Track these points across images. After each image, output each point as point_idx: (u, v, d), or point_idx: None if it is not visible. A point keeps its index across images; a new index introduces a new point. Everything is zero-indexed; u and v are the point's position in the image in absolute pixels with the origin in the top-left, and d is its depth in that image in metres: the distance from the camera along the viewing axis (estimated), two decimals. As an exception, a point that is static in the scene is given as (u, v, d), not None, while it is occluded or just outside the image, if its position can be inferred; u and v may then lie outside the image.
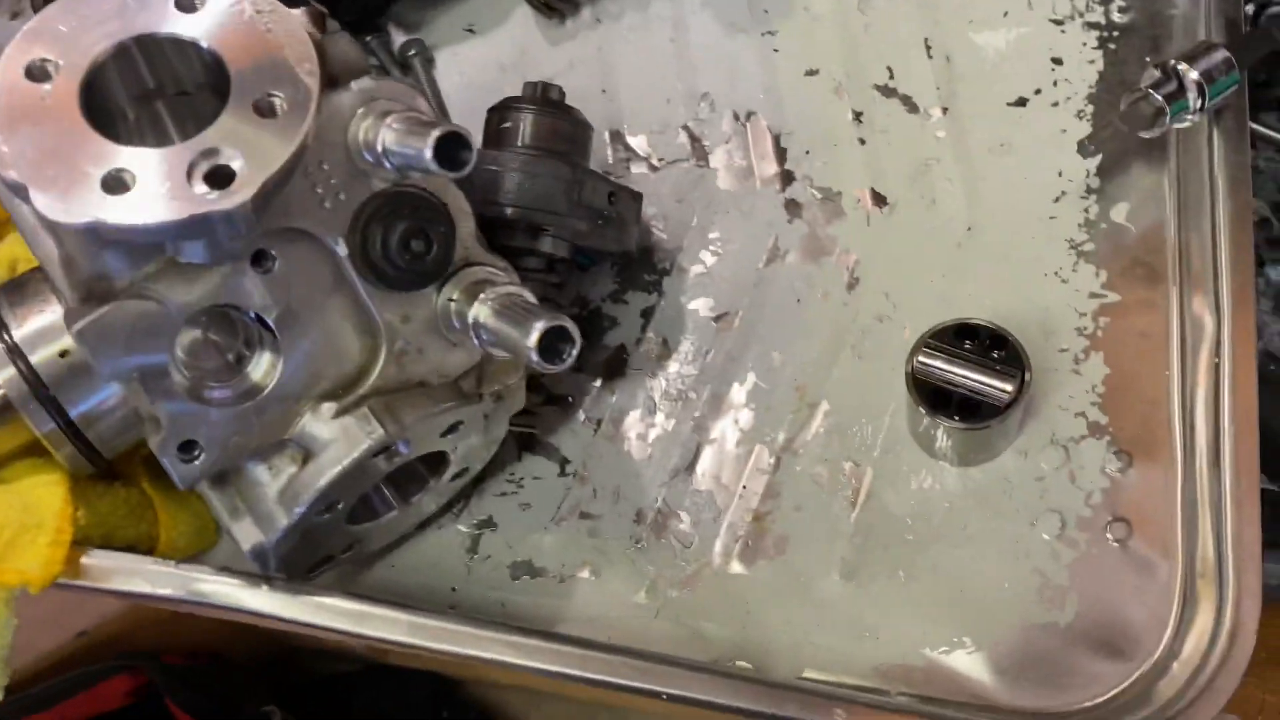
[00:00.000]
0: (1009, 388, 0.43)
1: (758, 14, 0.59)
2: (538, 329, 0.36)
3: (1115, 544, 0.46)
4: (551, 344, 0.37)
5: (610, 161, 0.59)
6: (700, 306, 0.55)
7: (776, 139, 0.57)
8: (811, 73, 0.57)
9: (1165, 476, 0.46)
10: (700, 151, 0.58)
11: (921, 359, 0.45)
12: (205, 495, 0.42)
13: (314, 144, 0.38)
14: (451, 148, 0.34)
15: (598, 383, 0.54)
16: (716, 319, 0.54)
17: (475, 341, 0.40)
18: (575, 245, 0.52)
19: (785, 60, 0.58)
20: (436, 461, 0.47)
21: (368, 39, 0.63)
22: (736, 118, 0.58)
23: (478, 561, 0.51)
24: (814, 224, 0.55)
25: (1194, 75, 0.46)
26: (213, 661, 1.35)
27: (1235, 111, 0.49)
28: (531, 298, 0.40)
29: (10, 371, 0.42)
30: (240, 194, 0.36)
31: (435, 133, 0.34)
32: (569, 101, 0.54)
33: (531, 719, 1.47)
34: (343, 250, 0.40)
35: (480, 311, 0.40)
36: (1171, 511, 0.46)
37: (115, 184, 0.36)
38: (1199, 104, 0.46)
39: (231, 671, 1.27)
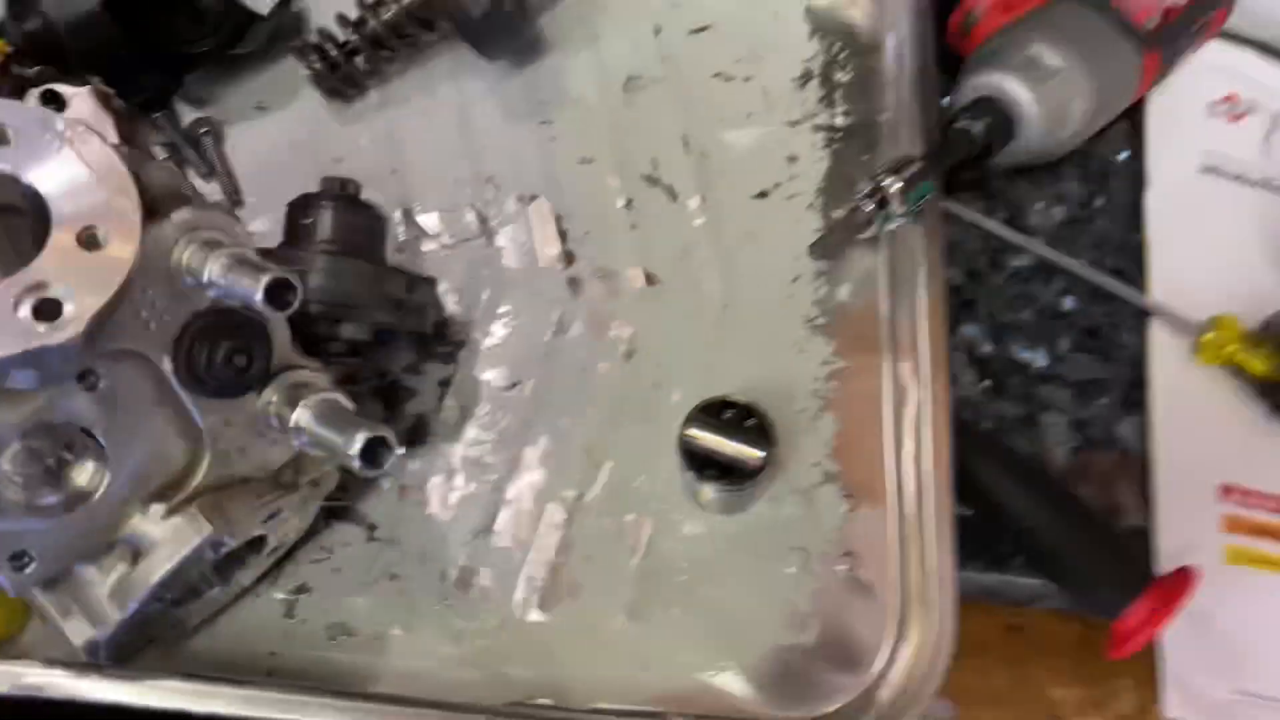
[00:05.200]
0: (760, 454, 0.52)
1: (534, 103, 0.65)
2: (359, 439, 0.41)
3: (846, 575, 0.56)
4: (373, 451, 0.42)
5: (402, 239, 0.63)
6: (494, 377, 0.61)
7: (558, 220, 0.63)
8: (586, 160, 0.64)
9: (883, 516, 0.57)
10: (488, 231, 0.63)
11: (690, 430, 0.52)
12: (34, 598, 0.45)
13: (138, 273, 0.41)
14: (280, 291, 0.38)
15: (400, 450, 0.59)
16: (509, 388, 0.60)
17: (295, 442, 0.44)
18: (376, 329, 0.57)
19: (562, 147, 0.65)
20: (256, 543, 0.50)
21: (155, 115, 0.65)
22: (520, 200, 0.64)
23: (295, 625, 0.55)
24: (594, 300, 0.62)
25: (895, 187, 0.56)
26: None
27: (931, 209, 0.60)
28: (346, 402, 0.45)
29: None
30: (71, 327, 0.39)
31: (265, 279, 0.38)
32: (364, 180, 0.58)
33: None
34: (167, 366, 0.43)
35: (301, 416, 0.44)
36: (889, 545, 0.56)
37: (-57, 321, 0.38)
38: (901, 210, 0.56)
39: None
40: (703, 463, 0.53)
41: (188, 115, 0.65)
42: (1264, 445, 0.68)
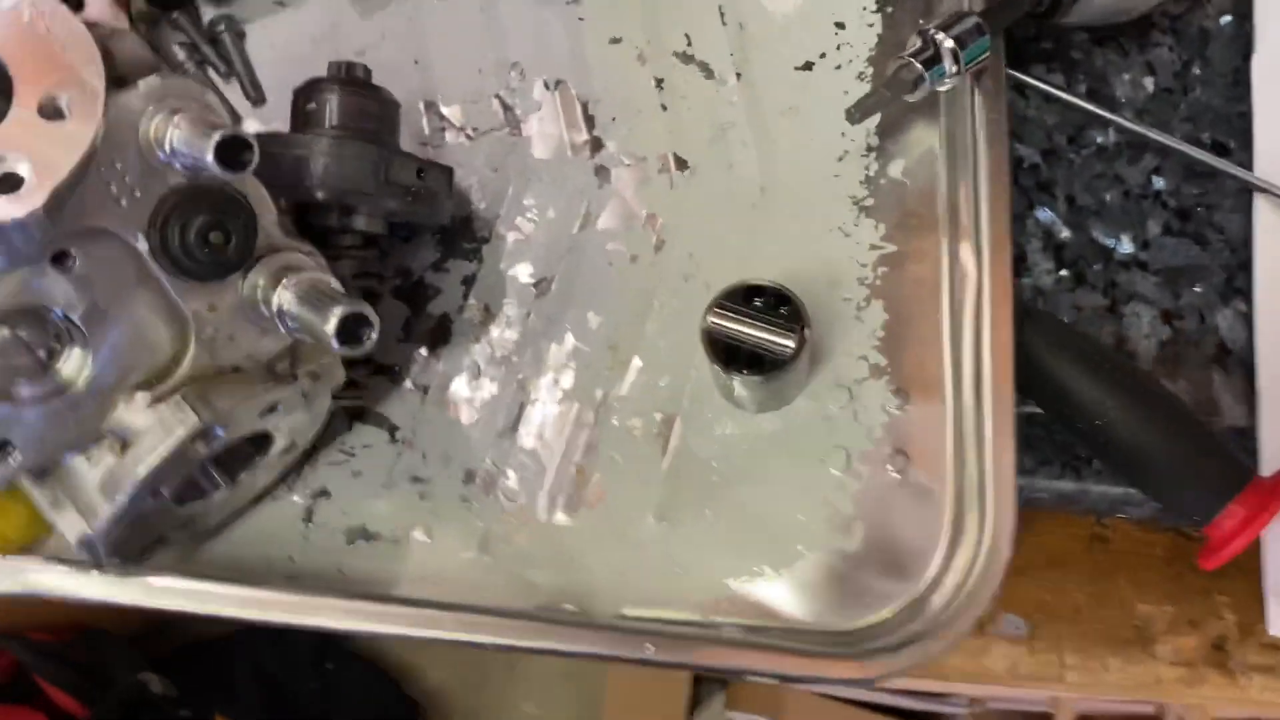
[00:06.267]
0: (790, 343, 0.47)
1: (562, -18, 0.61)
2: (335, 315, 0.38)
3: (895, 475, 0.51)
4: (351, 329, 0.39)
5: (426, 132, 0.60)
6: (519, 273, 0.57)
7: (585, 106, 0.59)
8: (615, 40, 0.60)
9: (937, 411, 0.51)
10: (513, 120, 0.60)
11: (713, 319, 0.48)
12: (27, 490, 0.43)
13: (105, 145, 0.39)
14: (233, 149, 0.36)
15: (424, 351, 0.57)
16: (535, 284, 0.57)
17: (281, 328, 0.42)
18: (390, 220, 0.54)
19: (590, 28, 0.60)
20: (261, 440, 0.48)
21: (174, 15, 0.63)
22: (546, 86, 0.60)
23: (314, 529, 0.54)
24: (622, 189, 0.58)
25: (949, 43, 0.50)
26: (83, 635, 1.34)
27: (992, 72, 0.54)
28: (334, 283, 0.42)
29: None
30: (30, 200, 0.37)
31: (215, 136, 0.35)
32: (381, 75, 0.55)
33: (419, 661, 1.52)
34: (144, 246, 0.41)
35: (283, 298, 0.41)
36: (943, 443, 0.51)
37: (-102, 195, 0.36)
38: (954, 69, 0.50)
39: (104, 642, 1.27)
40: (729, 354, 0.48)
41: (209, 14, 0.63)
42: (1389, 334, 0.60)
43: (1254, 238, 0.61)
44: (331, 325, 0.38)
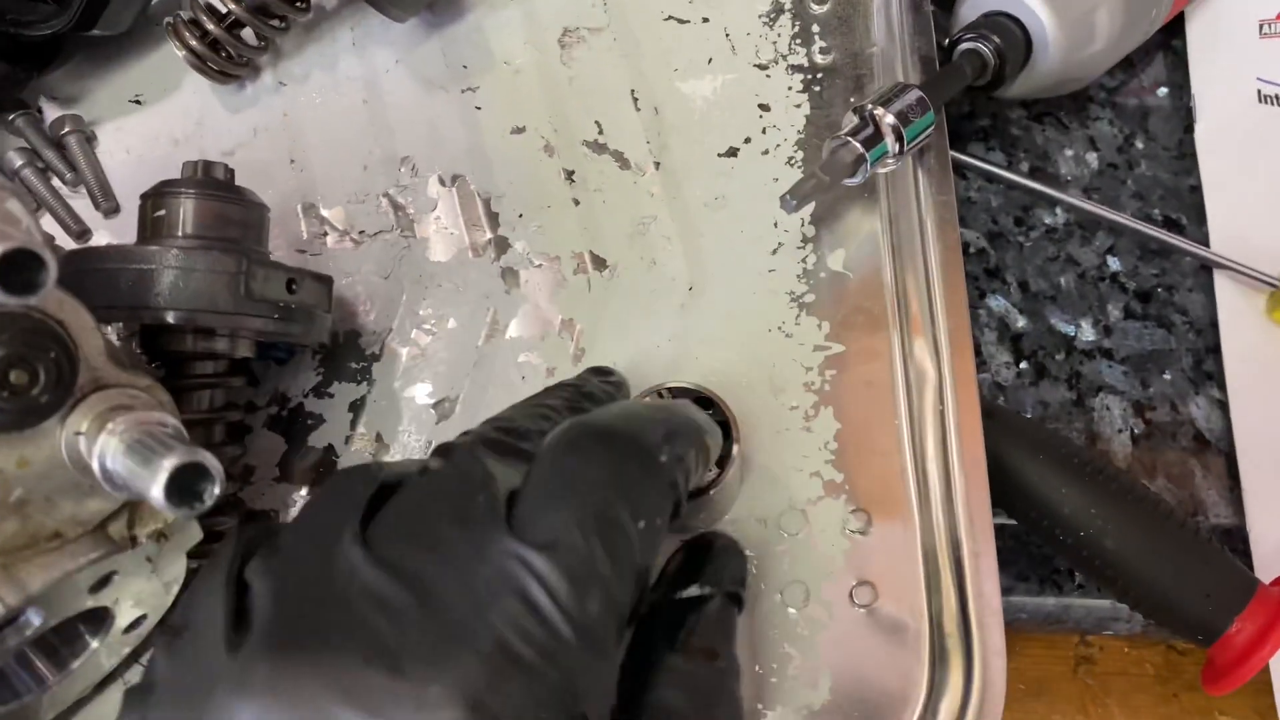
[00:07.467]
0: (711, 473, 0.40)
1: (455, 70, 0.55)
2: (164, 468, 0.30)
3: (862, 610, 0.44)
4: (186, 484, 0.31)
5: (305, 237, 0.53)
6: (416, 393, 0.50)
7: (487, 203, 0.53)
8: (518, 130, 0.54)
9: (904, 531, 0.45)
10: (405, 221, 0.53)
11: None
12: None
13: None
14: (19, 267, 0.28)
15: (304, 491, 0.48)
16: (435, 405, 0.49)
17: (105, 486, 0.33)
18: (259, 341, 0.46)
19: (489, 118, 0.54)
20: (95, 616, 0.40)
21: (12, 118, 0.55)
22: (442, 182, 0.53)
23: (172, 718, 0.44)
24: (534, 293, 0.51)
25: (890, 119, 0.45)
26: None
27: (937, 150, 0.49)
28: (174, 423, 0.34)
29: None
30: None
31: (-5, 251, 0.27)
32: (253, 175, 0.48)
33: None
34: (-74, 391, 0.32)
35: (108, 446, 0.33)
36: (914, 568, 0.44)
37: None
38: (897, 147, 0.45)
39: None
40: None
41: (53, 115, 0.56)
42: (1371, 416, 0.55)
43: (1219, 318, 0.57)
44: (160, 481, 0.30)
